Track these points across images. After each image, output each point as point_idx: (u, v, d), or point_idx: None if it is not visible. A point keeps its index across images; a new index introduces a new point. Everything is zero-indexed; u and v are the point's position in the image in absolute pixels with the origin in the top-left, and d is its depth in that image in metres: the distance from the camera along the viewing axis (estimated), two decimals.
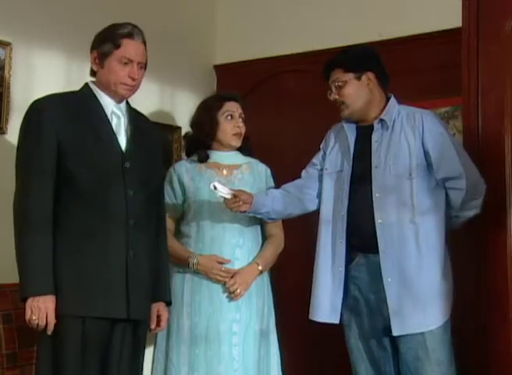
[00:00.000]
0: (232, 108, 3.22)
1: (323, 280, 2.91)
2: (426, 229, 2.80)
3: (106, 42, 2.64)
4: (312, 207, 3.06)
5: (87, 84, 2.71)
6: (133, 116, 2.75)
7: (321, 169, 3.03)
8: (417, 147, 2.82)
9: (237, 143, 3.23)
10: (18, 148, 2.59)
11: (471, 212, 2.87)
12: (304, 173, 3.10)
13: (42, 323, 2.49)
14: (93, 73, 2.71)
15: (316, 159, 3.08)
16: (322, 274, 2.91)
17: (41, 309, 2.47)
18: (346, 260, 2.88)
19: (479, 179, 2.84)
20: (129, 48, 2.65)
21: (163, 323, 2.82)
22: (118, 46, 2.63)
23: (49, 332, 2.49)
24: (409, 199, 2.81)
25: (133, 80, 2.66)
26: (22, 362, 2.94)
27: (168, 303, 2.85)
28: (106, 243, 2.56)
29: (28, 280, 2.49)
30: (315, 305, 2.93)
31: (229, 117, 3.21)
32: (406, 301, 2.77)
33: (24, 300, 2.50)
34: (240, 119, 3.23)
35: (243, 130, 3.23)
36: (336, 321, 2.88)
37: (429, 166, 2.83)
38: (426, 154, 2.83)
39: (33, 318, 2.48)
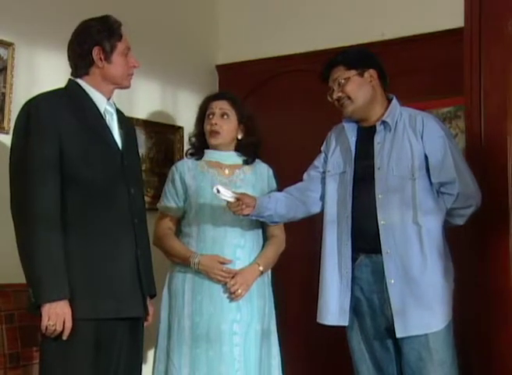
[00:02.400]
0: (214, 106, 3.21)
1: (331, 282, 2.89)
2: (429, 229, 2.79)
3: (109, 36, 2.59)
4: (315, 210, 3.05)
5: (73, 81, 2.64)
6: (118, 112, 2.73)
7: (324, 172, 3.02)
8: (419, 148, 2.82)
9: (214, 141, 3.20)
10: (18, 147, 2.51)
11: (456, 219, 2.87)
12: (305, 175, 3.09)
13: (60, 329, 2.43)
14: (80, 73, 2.62)
15: (318, 162, 3.08)
16: (330, 277, 2.90)
17: (59, 315, 2.42)
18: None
19: (474, 191, 2.82)
20: (126, 37, 2.64)
21: (151, 318, 2.78)
22: (120, 38, 2.61)
23: (65, 337, 2.44)
24: (412, 200, 2.81)
25: (135, 67, 2.66)
26: (24, 361, 2.94)
27: (153, 296, 2.82)
28: (117, 243, 2.55)
29: (43, 285, 2.41)
30: (324, 308, 2.91)
31: (211, 116, 3.21)
32: (409, 302, 2.76)
33: (38, 306, 2.44)
34: (220, 117, 3.19)
35: (219, 128, 3.18)
36: (345, 323, 2.87)
37: (427, 168, 2.83)
38: (425, 156, 2.83)
39: (51, 324, 2.42)
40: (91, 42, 2.59)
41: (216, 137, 3.20)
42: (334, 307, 2.87)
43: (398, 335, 2.76)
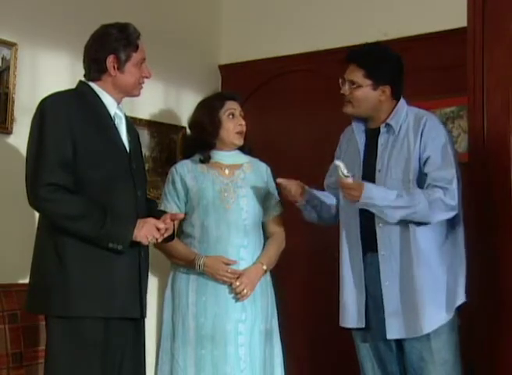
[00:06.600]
0: (233, 106, 3.23)
1: (347, 286, 2.90)
2: (426, 232, 2.78)
3: (126, 46, 2.61)
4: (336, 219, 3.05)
5: (85, 83, 2.66)
6: (126, 117, 2.75)
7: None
8: (416, 150, 2.81)
9: (240, 141, 3.23)
10: (34, 146, 2.51)
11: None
12: (324, 184, 3.11)
13: (159, 236, 2.58)
14: (93, 77, 2.65)
15: (330, 171, 3.08)
16: (346, 280, 2.90)
17: (147, 234, 2.54)
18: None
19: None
20: (143, 48, 2.66)
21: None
22: (136, 49, 2.64)
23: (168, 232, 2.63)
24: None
25: (147, 78, 2.69)
26: (27, 361, 2.94)
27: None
28: None
29: (114, 231, 2.49)
30: (344, 311, 2.92)
31: (231, 116, 3.21)
32: (402, 305, 2.77)
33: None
34: (241, 118, 3.23)
35: (245, 129, 3.24)
36: (362, 325, 2.87)
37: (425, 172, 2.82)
38: (424, 158, 2.81)
39: (151, 241, 2.58)
40: (107, 50, 2.61)
41: (242, 137, 3.22)
42: (352, 310, 2.88)
43: (388, 336, 2.78)
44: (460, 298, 2.81)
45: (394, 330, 2.78)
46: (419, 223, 2.77)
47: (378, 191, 2.75)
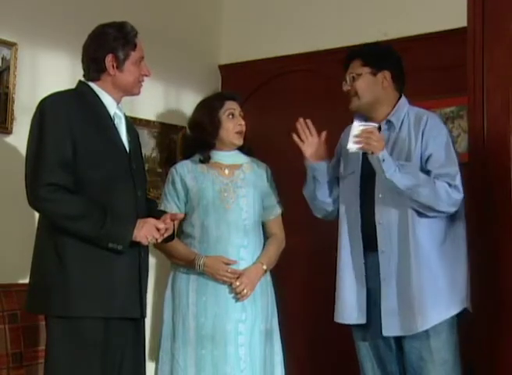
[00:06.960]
0: (233, 106, 3.24)
1: (346, 281, 2.90)
2: (426, 230, 2.79)
3: (124, 44, 2.62)
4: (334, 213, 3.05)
5: (85, 83, 2.67)
6: (125, 117, 2.75)
7: (337, 176, 3.03)
8: (418, 149, 2.82)
9: (240, 141, 3.24)
10: (33, 146, 2.52)
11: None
12: None
13: (158, 236, 2.58)
14: (92, 77, 2.66)
15: (331, 166, 3.09)
16: (345, 276, 2.90)
17: (147, 234, 2.54)
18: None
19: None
20: (141, 46, 2.67)
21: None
22: (134, 47, 2.64)
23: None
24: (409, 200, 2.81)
25: (147, 76, 2.69)
26: (27, 361, 2.94)
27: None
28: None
29: (114, 231, 2.49)
30: (341, 307, 2.91)
31: (231, 116, 3.22)
32: (399, 302, 2.77)
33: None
34: (240, 118, 3.24)
35: (244, 128, 3.24)
36: (364, 321, 2.87)
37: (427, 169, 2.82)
38: (425, 156, 2.82)
39: (151, 241, 2.57)
40: (105, 49, 2.62)
41: (242, 137, 3.22)
42: (352, 306, 2.88)
43: (384, 333, 2.79)
44: (463, 304, 2.81)
45: (390, 327, 2.78)
46: (421, 214, 2.76)
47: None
